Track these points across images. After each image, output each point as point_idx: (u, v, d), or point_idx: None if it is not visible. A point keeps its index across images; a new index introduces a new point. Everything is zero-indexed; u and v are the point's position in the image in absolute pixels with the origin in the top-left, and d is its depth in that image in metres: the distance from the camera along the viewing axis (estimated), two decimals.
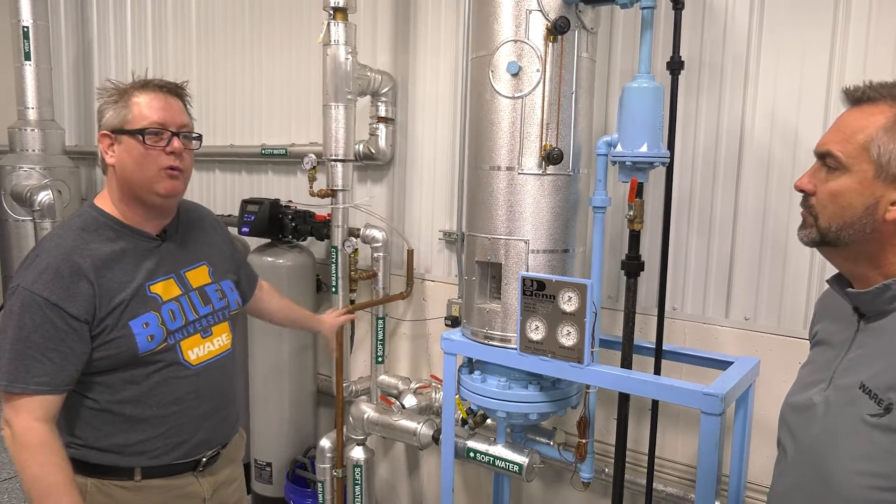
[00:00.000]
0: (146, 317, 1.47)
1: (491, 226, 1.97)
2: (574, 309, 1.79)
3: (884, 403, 0.95)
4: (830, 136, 1.07)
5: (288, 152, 3.19)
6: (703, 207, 2.18)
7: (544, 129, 1.88)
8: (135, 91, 1.49)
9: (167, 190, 1.50)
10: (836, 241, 1.05)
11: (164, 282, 1.54)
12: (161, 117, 1.47)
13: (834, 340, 1.13)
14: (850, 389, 1.02)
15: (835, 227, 1.04)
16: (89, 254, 1.44)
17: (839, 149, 1.03)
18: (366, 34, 2.86)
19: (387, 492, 3.10)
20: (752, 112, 2.08)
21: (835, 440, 1.02)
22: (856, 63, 1.91)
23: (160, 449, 1.54)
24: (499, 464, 2.12)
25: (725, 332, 2.17)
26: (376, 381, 2.78)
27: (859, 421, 0.98)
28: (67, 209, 4.01)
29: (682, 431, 2.27)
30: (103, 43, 4.30)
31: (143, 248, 1.53)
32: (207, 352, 1.60)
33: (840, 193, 1.03)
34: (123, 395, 1.49)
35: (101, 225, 1.49)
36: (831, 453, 1.02)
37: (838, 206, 1.03)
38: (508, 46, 1.88)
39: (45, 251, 1.43)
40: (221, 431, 1.68)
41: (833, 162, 1.04)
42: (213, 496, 1.66)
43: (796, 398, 1.15)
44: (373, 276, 2.77)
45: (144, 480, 1.53)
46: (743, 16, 2.07)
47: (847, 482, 0.99)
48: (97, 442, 1.49)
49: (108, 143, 1.48)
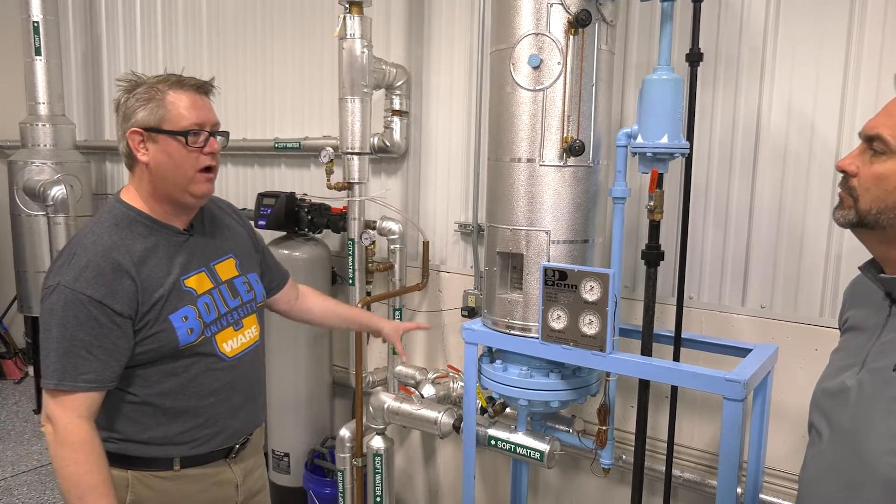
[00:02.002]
0: (185, 310, 1.50)
1: (512, 217, 2.00)
2: (596, 298, 1.82)
3: None
4: (881, 119, 1.06)
5: (301, 146, 3.21)
6: (720, 198, 2.21)
7: (565, 121, 1.91)
8: (168, 89, 1.48)
9: (203, 192, 1.54)
10: (874, 224, 1.06)
11: (197, 275, 1.56)
12: (199, 117, 1.49)
13: (865, 326, 1.16)
14: (885, 372, 1.04)
15: (875, 209, 1.05)
16: (127, 250, 1.45)
17: (890, 133, 1.03)
18: (379, 27, 2.87)
19: (403, 481, 3.14)
20: (769, 104, 2.10)
21: (870, 421, 1.05)
22: (872, 55, 1.93)
23: (200, 439, 1.57)
24: (520, 451, 2.15)
25: (742, 321, 2.21)
26: (393, 371, 2.81)
27: (894, 402, 1.01)
28: (80, 204, 4.04)
29: (699, 418, 2.31)
30: (112, 38, 4.31)
31: (173, 242, 1.55)
32: (240, 344, 1.63)
33: (886, 177, 1.04)
34: (163, 388, 1.51)
35: (132, 221, 1.50)
36: (866, 434, 1.05)
37: (882, 190, 1.04)
38: (529, 39, 1.91)
39: (82, 249, 1.44)
40: (253, 420, 1.71)
41: (881, 146, 1.04)
42: (243, 482, 1.70)
43: (829, 383, 1.18)
44: (389, 268, 2.80)
45: (183, 470, 1.56)
46: (759, 8, 2.09)
47: (883, 461, 1.01)
48: (137, 435, 1.52)
49: (138, 140, 1.47)
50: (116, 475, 1.50)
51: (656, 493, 2.33)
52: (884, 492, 1.02)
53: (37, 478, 3.61)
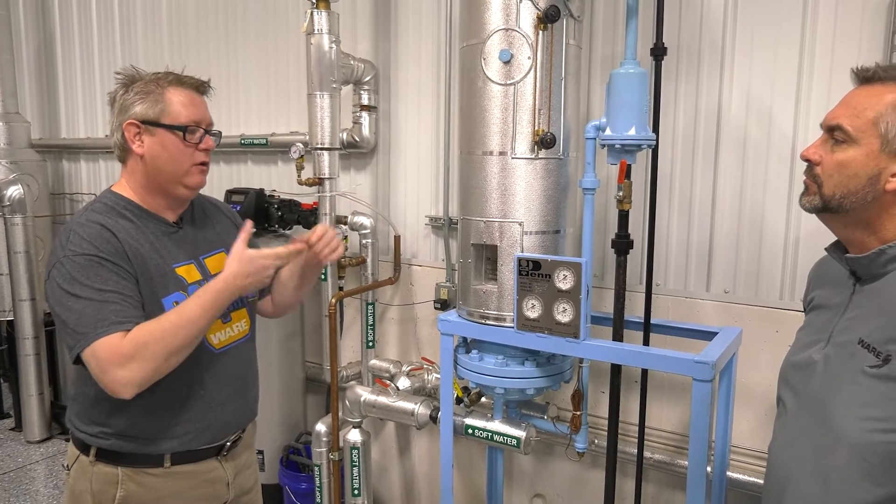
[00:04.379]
0: (176, 295, 1.52)
1: (485, 209, 2.04)
2: (569, 287, 1.87)
3: (882, 355, 1.05)
4: (840, 110, 1.15)
5: (269, 142, 3.19)
6: (684, 187, 2.29)
7: (536, 114, 1.95)
8: (168, 86, 1.53)
9: (197, 183, 1.59)
10: (837, 208, 1.14)
11: (186, 266, 1.59)
12: (197, 115, 1.55)
13: (830, 304, 1.23)
14: (850, 346, 1.12)
15: (839, 194, 1.13)
16: (118, 229, 1.49)
17: (849, 123, 1.11)
18: (346, 22, 2.87)
19: (379, 474, 3.17)
20: (729, 95, 2.18)
21: (836, 391, 1.12)
22: (825, 47, 2.02)
23: (189, 434, 1.58)
24: (497, 438, 2.20)
25: (706, 305, 2.29)
26: (368, 365, 2.83)
27: (859, 372, 1.08)
28: (37, 203, 3.95)
29: (668, 401, 2.39)
30: (67, 33, 4.20)
31: (162, 232, 1.58)
32: (228, 336, 1.65)
33: (846, 164, 1.11)
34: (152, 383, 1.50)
35: (122, 208, 1.54)
36: (833, 403, 1.12)
37: (844, 176, 1.12)
38: (500, 35, 1.94)
39: (77, 226, 1.46)
40: (244, 415, 1.72)
41: (841, 135, 1.12)
42: (234, 480, 1.71)
43: (796, 357, 1.25)
44: (361, 263, 2.82)
45: (173, 467, 1.57)
46: (718, 2, 2.17)
47: (851, 427, 1.09)
48: (127, 430, 1.53)
49: (134, 133, 1.51)
50: (107, 471, 1.52)
51: (628, 474, 2.41)
52: (851, 455, 1.09)
53: None
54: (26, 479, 3.60)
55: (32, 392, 3.98)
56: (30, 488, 3.52)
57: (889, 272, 1.12)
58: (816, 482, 1.15)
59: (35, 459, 3.84)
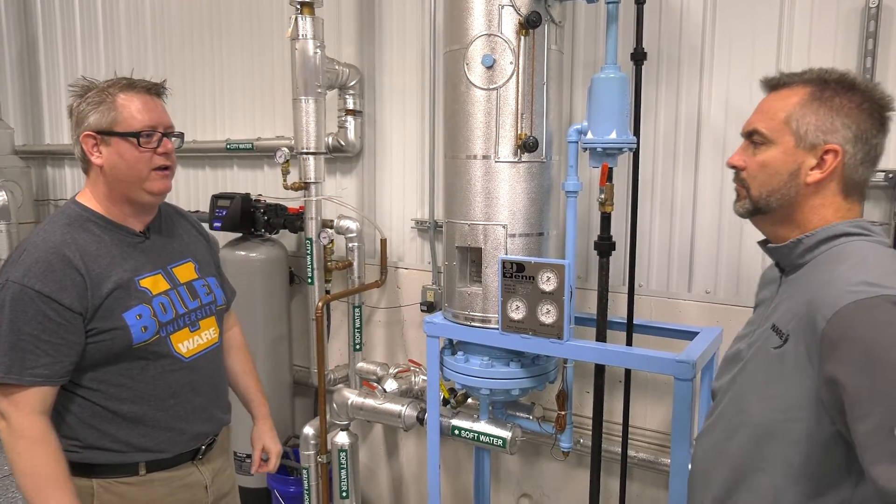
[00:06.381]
0: (139, 308, 1.51)
1: (469, 212, 2.06)
2: (553, 288, 1.90)
3: (783, 335, 1.12)
4: (755, 117, 1.23)
5: (254, 146, 3.20)
6: (665, 189, 2.33)
7: (519, 118, 1.98)
8: (119, 92, 1.50)
9: (160, 189, 1.56)
10: (766, 208, 1.20)
11: (153, 277, 1.57)
12: (151, 119, 1.51)
13: (766, 299, 1.30)
14: (766, 332, 1.18)
15: (765, 193, 1.19)
16: (77, 247, 1.46)
17: (764, 126, 1.19)
18: (331, 28, 2.89)
19: (367, 476, 3.18)
20: (708, 99, 2.22)
21: (751, 375, 1.20)
22: (801, 50, 2.07)
23: (163, 443, 1.57)
24: (483, 439, 2.22)
25: (688, 306, 2.33)
26: (355, 367, 2.84)
27: (767, 354, 1.15)
28: (21, 210, 3.93)
29: (651, 401, 2.42)
30: (50, 39, 4.18)
31: (128, 243, 1.56)
32: (197, 345, 1.64)
33: (767, 163, 1.19)
34: (122, 394, 1.51)
35: (85, 220, 1.52)
36: (748, 386, 1.20)
37: (766, 175, 1.19)
38: (482, 40, 1.97)
39: (32, 246, 1.45)
40: (217, 422, 1.73)
41: (759, 138, 1.20)
42: (213, 482, 1.71)
43: (728, 351, 1.34)
44: (347, 266, 2.83)
45: (149, 474, 1.56)
46: (697, 9, 2.21)
47: (756, 407, 1.16)
48: (99, 441, 1.51)
49: (92, 144, 1.50)
50: (80, 484, 1.49)
51: (613, 473, 2.43)
52: (751, 434, 1.16)
53: None
54: (13, 488, 3.58)
55: None
56: (17, 496, 3.50)
57: (808, 261, 1.17)
58: (725, 466, 1.21)
59: None
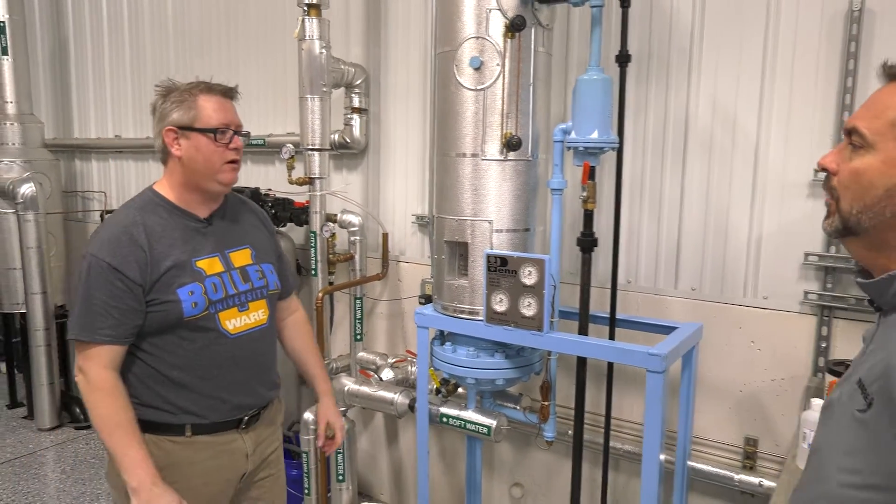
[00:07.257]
0: (192, 286, 1.69)
1: (458, 208, 2.14)
2: (534, 282, 1.97)
3: (868, 398, 0.90)
4: (860, 112, 0.98)
5: (266, 142, 3.32)
6: (654, 188, 2.38)
7: (504, 118, 2.05)
8: (200, 93, 1.72)
9: (229, 180, 1.77)
10: (857, 228, 0.96)
11: (210, 259, 1.76)
12: (226, 118, 1.74)
13: (866, 338, 1.05)
14: (852, 385, 0.95)
15: (856, 209, 0.95)
16: (144, 228, 1.68)
17: (865, 125, 0.94)
18: (339, 29, 3.00)
19: (368, 463, 3.29)
20: (696, 100, 2.27)
21: (833, 436, 0.98)
22: (786, 52, 2.11)
23: (205, 409, 1.74)
24: (469, 427, 2.30)
25: (675, 302, 2.38)
26: (356, 357, 2.95)
27: (851, 417, 0.93)
28: (50, 201, 4.12)
29: (636, 394, 2.48)
30: (79, 38, 4.38)
31: (191, 227, 1.75)
32: (244, 324, 1.80)
33: (862, 172, 0.94)
34: (173, 360, 1.70)
35: (156, 205, 1.74)
36: (827, 449, 0.98)
37: (860, 187, 0.94)
38: (471, 42, 2.05)
39: (108, 225, 1.70)
40: (259, 396, 1.86)
41: (858, 139, 0.95)
42: (254, 451, 1.85)
43: (828, 397, 1.08)
44: (350, 259, 2.94)
45: (194, 437, 1.74)
46: (686, 12, 2.25)
47: (832, 478, 0.95)
48: (153, 401, 1.71)
49: (172, 137, 1.71)
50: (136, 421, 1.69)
51: (599, 464, 2.49)
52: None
53: (10, 469, 3.69)
54: (36, 465, 3.77)
55: (44, 381, 4.16)
56: (39, 472, 3.68)
57: None
58: None
59: (45, 446, 4.00)
